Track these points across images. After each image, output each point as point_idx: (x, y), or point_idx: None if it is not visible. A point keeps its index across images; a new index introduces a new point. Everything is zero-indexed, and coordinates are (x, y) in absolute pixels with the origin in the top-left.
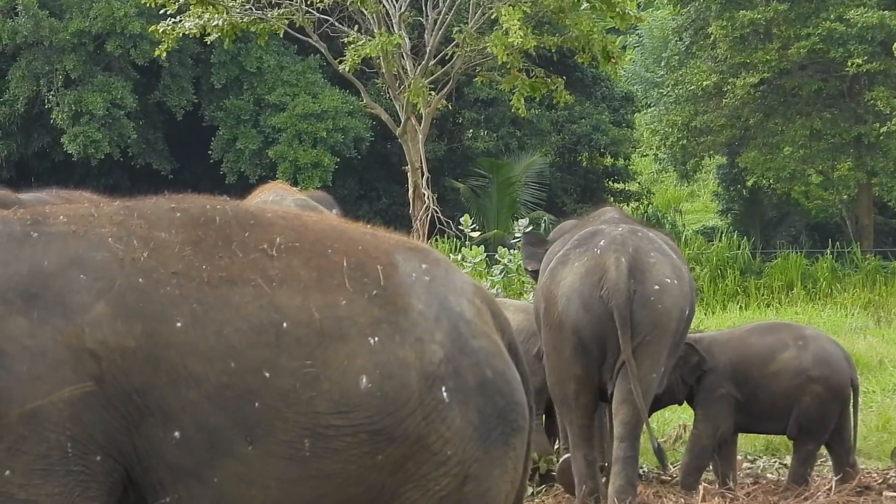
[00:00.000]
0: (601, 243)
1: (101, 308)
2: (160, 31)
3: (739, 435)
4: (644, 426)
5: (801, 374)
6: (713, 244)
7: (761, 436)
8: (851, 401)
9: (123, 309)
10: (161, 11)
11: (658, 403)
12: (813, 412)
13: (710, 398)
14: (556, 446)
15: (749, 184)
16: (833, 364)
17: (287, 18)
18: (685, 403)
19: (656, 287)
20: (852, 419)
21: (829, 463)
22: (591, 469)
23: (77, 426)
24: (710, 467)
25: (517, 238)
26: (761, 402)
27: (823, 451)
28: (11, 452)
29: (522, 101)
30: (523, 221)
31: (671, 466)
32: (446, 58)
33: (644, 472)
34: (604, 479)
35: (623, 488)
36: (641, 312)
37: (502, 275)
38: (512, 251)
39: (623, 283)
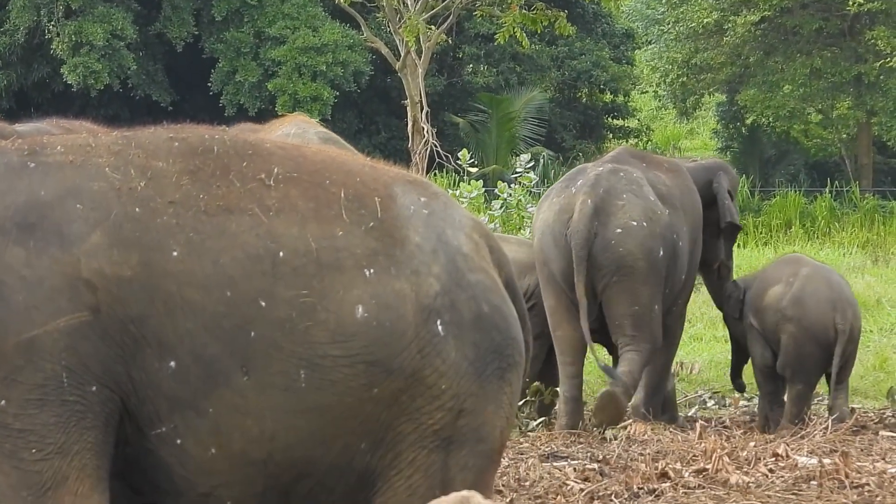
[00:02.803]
0: (578, 183)
1: (97, 237)
2: None
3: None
4: (590, 350)
5: (779, 312)
6: None
7: None
8: (843, 343)
9: (120, 238)
10: None
11: (739, 350)
12: (790, 351)
13: (745, 329)
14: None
15: (748, 122)
16: (809, 305)
17: None
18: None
19: (618, 230)
20: (850, 362)
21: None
22: (568, 405)
23: (73, 356)
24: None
25: (517, 173)
26: (766, 334)
27: (823, 389)
28: (7, 382)
29: (515, 31)
30: (524, 157)
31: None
32: None
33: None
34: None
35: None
36: (603, 255)
37: (501, 209)
38: (512, 186)
39: (583, 224)
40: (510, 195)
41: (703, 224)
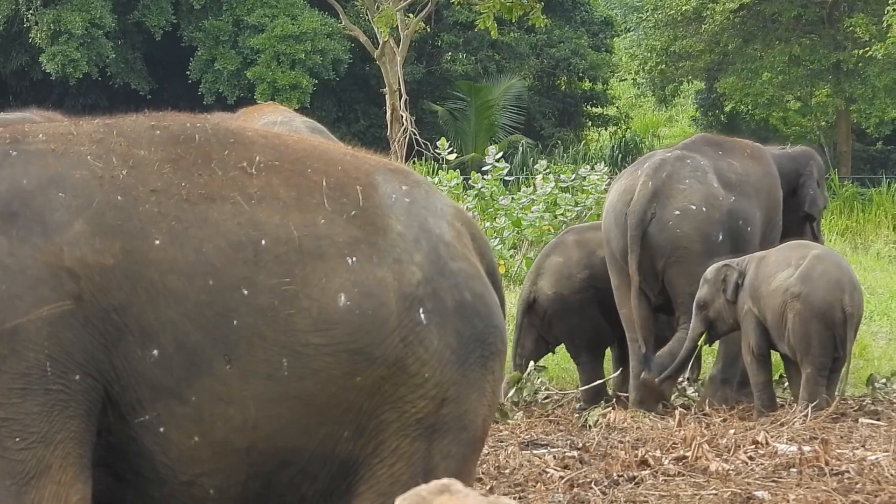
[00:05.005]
0: (644, 166)
1: (79, 226)
2: None
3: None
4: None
5: (787, 292)
6: None
7: None
8: (845, 327)
9: (102, 227)
10: None
11: (715, 332)
12: (796, 330)
13: (741, 314)
14: None
15: (727, 109)
16: (816, 282)
17: None
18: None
19: (676, 212)
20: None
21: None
22: (637, 381)
23: (56, 345)
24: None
25: (487, 166)
26: (769, 320)
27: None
28: None
29: (492, 21)
30: (492, 149)
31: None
32: None
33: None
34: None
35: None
36: (660, 236)
37: (475, 200)
38: (485, 177)
39: (640, 205)
40: (483, 186)
41: (787, 210)
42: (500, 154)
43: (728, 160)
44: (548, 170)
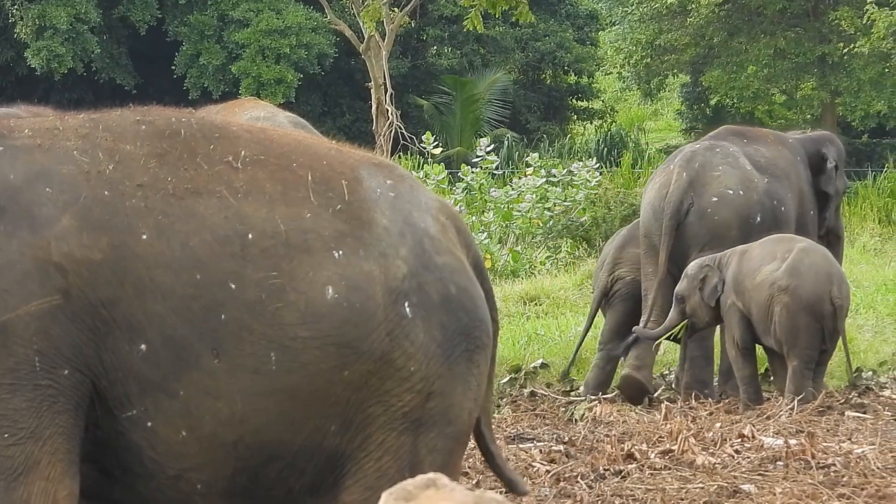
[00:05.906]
0: (676, 159)
1: (67, 221)
2: None
3: None
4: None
5: (774, 285)
6: None
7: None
8: (833, 319)
9: (89, 222)
10: None
11: (692, 327)
12: (783, 323)
13: (724, 310)
14: None
15: (713, 102)
16: (804, 275)
17: None
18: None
19: (714, 199)
20: (836, 339)
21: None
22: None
23: (44, 340)
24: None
25: (480, 157)
26: (754, 314)
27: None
28: None
29: (480, 17)
30: (484, 141)
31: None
32: None
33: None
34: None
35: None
36: (699, 223)
37: (465, 192)
38: (474, 170)
39: (676, 196)
40: (473, 178)
41: (813, 193)
42: (491, 146)
43: (755, 146)
44: (539, 164)
